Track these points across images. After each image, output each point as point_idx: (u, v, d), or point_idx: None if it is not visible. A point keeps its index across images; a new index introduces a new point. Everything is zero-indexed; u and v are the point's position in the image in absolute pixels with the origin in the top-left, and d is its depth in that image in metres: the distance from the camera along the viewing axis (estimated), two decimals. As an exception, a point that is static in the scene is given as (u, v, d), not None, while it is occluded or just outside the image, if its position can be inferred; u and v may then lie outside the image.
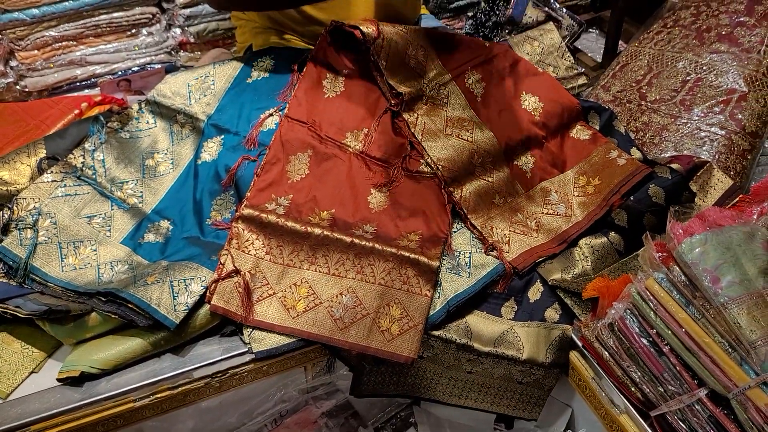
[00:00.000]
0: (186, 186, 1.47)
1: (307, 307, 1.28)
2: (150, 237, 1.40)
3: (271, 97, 1.55)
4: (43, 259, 1.29)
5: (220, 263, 1.30)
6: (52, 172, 1.38)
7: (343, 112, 1.52)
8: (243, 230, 1.34)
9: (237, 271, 1.29)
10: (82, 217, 1.36)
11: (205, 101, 1.55)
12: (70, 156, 1.41)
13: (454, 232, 1.44)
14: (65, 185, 1.37)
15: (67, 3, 1.86)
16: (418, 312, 1.30)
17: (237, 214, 1.36)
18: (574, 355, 1.31)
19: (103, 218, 1.38)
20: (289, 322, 1.27)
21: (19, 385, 1.22)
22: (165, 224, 1.42)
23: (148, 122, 1.52)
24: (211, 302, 1.26)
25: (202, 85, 1.56)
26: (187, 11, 2.04)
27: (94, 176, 1.40)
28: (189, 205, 1.45)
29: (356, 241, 1.34)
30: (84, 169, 1.39)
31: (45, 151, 1.41)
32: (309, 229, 1.34)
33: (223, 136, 1.50)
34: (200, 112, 1.53)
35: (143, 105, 1.54)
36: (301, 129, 1.48)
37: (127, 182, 1.43)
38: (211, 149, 1.48)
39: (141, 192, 1.43)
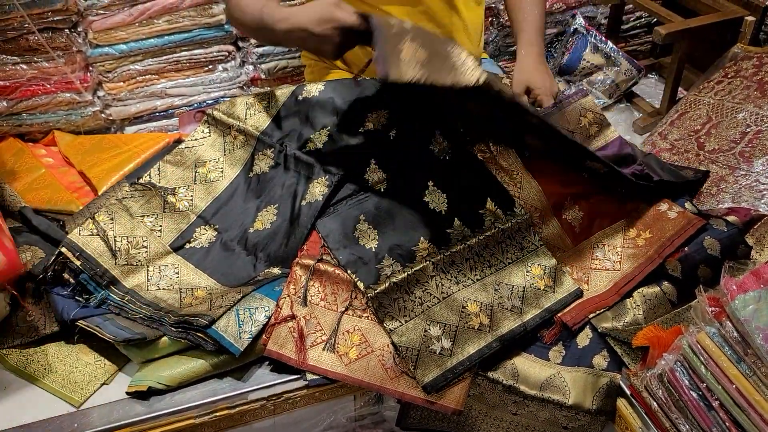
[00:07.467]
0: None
1: (359, 355, 1.31)
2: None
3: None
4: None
5: (278, 307, 1.34)
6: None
7: None
8: (300, 276, 1.39)
9: (293, 317, 1.33)
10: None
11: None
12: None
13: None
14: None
15: (152, 40, 2.01)
16: None
17: (295, 261, 1.41)
18: (621, 403, 1.31)
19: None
20: (342, 369, 1.30)
21: (91, 395, 1.30)
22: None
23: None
24: (266, 347, 1.31)
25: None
26: (260, 50, 2.17)
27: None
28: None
29: None
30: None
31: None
32: None
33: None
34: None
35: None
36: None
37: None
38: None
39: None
